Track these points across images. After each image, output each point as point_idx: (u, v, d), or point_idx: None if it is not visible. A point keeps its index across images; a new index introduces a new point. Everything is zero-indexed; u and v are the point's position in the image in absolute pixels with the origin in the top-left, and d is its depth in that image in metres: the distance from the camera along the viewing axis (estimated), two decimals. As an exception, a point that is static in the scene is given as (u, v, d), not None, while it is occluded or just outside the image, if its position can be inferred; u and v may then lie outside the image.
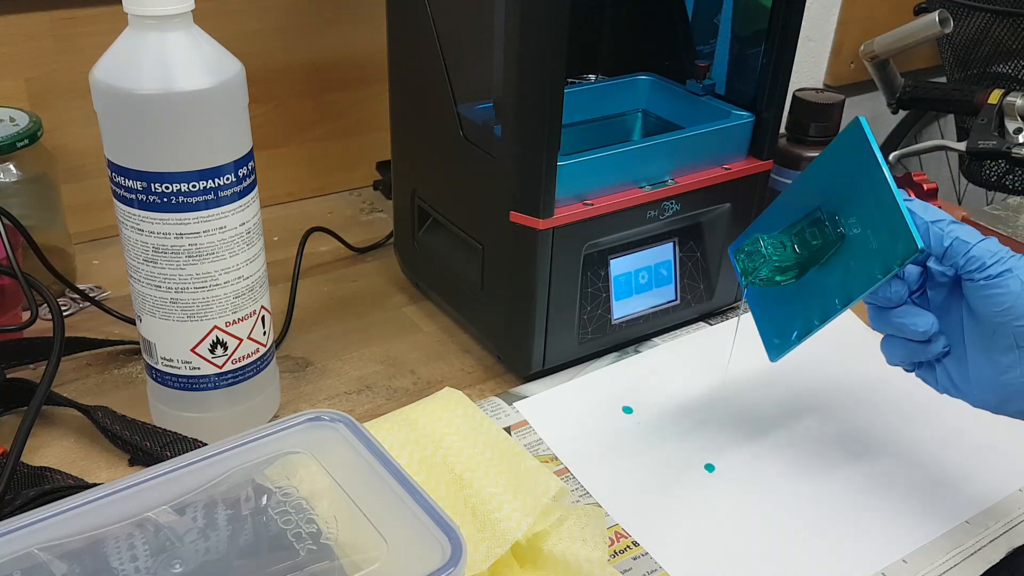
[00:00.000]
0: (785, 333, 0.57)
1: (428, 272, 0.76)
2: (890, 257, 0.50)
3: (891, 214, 0.50)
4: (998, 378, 0.50)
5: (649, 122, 0.76)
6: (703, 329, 0.73)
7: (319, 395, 0.66)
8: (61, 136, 0.78)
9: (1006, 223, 0.76)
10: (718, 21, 0.73)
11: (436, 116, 0.66)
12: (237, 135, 0.53)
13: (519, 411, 0.63)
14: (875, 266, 0.51)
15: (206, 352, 0.56)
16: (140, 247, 0.53)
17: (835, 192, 0.53)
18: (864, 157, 0.51)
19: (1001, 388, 0.50)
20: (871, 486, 0.59)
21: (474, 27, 0.60)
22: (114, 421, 0.59)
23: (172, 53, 0.50)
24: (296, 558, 0.39)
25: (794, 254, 0.54)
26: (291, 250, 0.81)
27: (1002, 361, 0.50)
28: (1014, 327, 0.48)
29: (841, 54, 1.40)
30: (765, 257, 0.53)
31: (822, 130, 0.80)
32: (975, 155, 0.82)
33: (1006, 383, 0.50)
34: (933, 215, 0.50)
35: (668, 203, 0.66)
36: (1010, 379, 0.50)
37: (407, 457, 0.51)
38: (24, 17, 0.75)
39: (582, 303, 0.66)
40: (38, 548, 0.38)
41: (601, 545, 0.50)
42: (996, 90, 0.82)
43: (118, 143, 0.51)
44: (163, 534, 0.40)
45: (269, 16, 0.85)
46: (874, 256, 0.51)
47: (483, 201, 0.64)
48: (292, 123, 0.90)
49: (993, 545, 0.55)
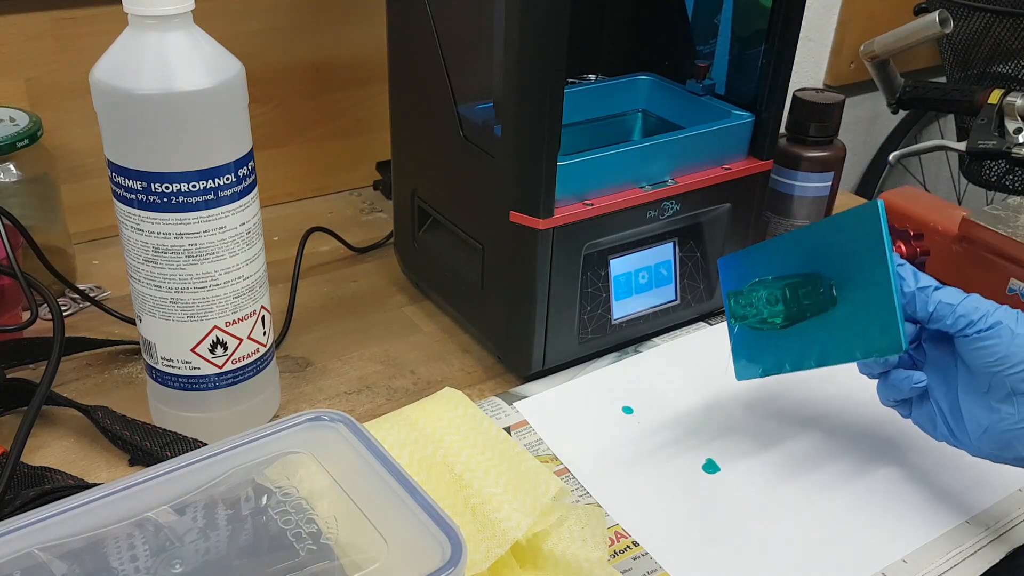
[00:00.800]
0: (755, 361, 0.59)
1: (428, 272, 0.76)
2: (872, 346, 0.52)
3: (886, 309, 0.51)
4: (996, 426, 0.52)
5: (649, 122, 0.76)
6: (703, 329, 0.73)
7: (319, 395, 0.66)
8: (61, 136, 0.79)
9: (1006, 223, 0.76)
10: (718, 21, 0.73)
11: (436, 116, 0.66)
12: (237, 135, 0.53)
13: (519, 411, 0.63)
14: (856, 346, 0.53)
15: (206, 352, 0.56)
16: (140, 247, 0.53)
17: (837, 262, 0.54)
18: (874, 244, 0.52)
19: (999, 436, 0.52)
20: (871, 486, 0.59)
21: (474, 27, 0.60)
22: (114, 421, 0.59)
23: (172, 53, 0.50)
24: (296, 558, 0.39)
25: (784, 309, 0.55)
26: (291, 250, 0.81)
27: (1001, 409, 0.51)
28: (1009, 375, 0.50)
29: (841, 54, 1.40)
30: (757, 310, 0.54)
31: (822, 130, 0.80)
32: (975, 155, 0.82)
33: (1004, 431, 0.51)
34: (921, 282, 0.52)
35: (668, 203, 0.66)
36: (1008, 426, 0.51)
37: (407, 457, 0.51)
38: (24, 17, 0.75)
39: (582, 303, 0.66)
40: (38, 548, 0.38)
41: (601, 545, 0.50)
42: (996, 90, 0.82)
43: (118, 143, 0.51)
44: (163, 534, 0.40)
45: (269, 16, 0.85)
46: (858, 337, 0.53)
47: (483, 201, 0.64)
48: (292, 123, 0.90)
49: (993, 545, 0.55)
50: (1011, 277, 0.75)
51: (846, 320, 0.54)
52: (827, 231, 0.55)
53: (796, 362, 0.57)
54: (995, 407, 0.51)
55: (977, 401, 0.52)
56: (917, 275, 0.53)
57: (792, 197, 0.82)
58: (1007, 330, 0.50)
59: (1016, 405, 0.51)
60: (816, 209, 0.82)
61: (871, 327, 0.52)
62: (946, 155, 1.60)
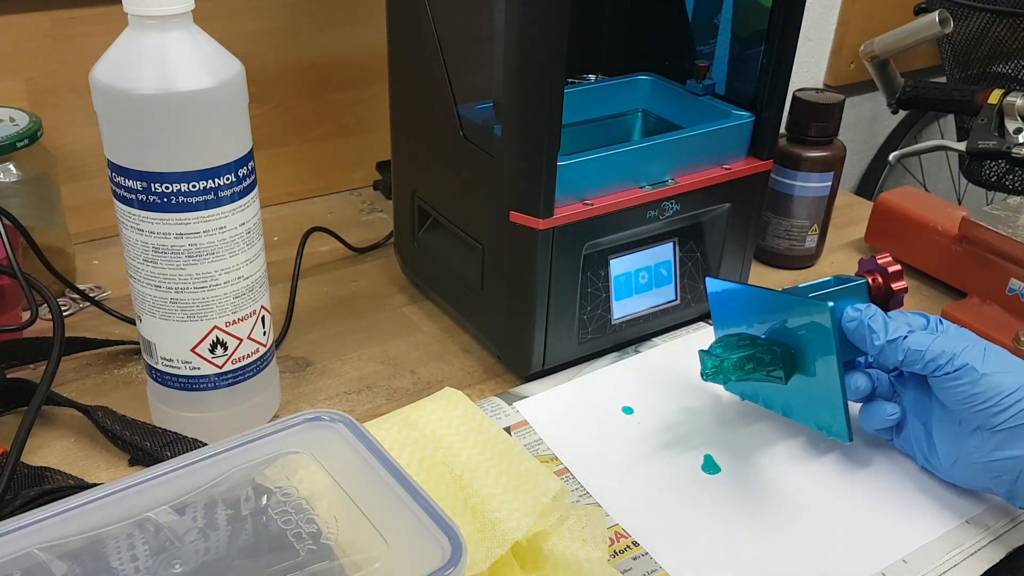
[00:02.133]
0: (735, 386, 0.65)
1: (428, 272, 0.76)
2: (823, 424, 0.59)
3: (835, 404, 0.56)
4: (965, 458, 0.55)
5: (649, 122, 0.76)
6: (703, 329, 0.73)
7: (319, 395, 0.66)
8: (61, 136, 0.78)
9: (1006, 223, 0.76)
10: (718, 21, 0.73)
11: (436, 116, 0.66)
12: (237, 135, 0.53)
13: (519, 411, 0.63)
14: (811, 418, 0.60)
15: (206, 352, 0.56)
16: (140, 247, 0.53)
17: (796, 342, 0.58)
18: (826, 344, 0.56)
19: (967, 468, 0.55)
20: (871, 486, 0.59)
21: (474, 27, 0.60)
22: (114, 421, 0.59)
23: (172, 53, 0.50)
24: (296, 558, 0.39)
25: (750, 372, 0.58)
26: (291, 250, 0.81)
27: (968, 443, 0.55)
28: (976, 412, 0.53)
29: (841, 54, 1.40)
30: (724, 373, 0.57)
31: (822, 130, 0.80)
32: (975, 155, 0.82)
33: (971, 463, 0.55)
34: (891, 333, 0.55)
35: (668, 203, 0.66)
36: (975, 459, 0.54)
37: (407, 457, 0.51)
38: (24, 17, 0.75)
39: (582, 303, 0.66)
40: (38, 548, 0.38)
41: (601, 545, 0.50)
42: (996, 90, 0.82)
43: (118, 143, 0.51)
44: (163, 534, 0.40)
45: (269, 16, 0.85)
46: (813, 411, 0.59)
47: (483, 201, 0.64)
48: (292, 123, 0.90)
49: (993, 545, 0.55)
50: (1011, 277, 0.74)
51: (804, 392, 0.58)
52: (794, 308, 0.58)
53: (767, 402, 0.63)
54: (963, 440, 0.55)
55: (949, 433, 0.56)
56: (887, 325, 0.56)
57: (792, 197, 0.82)
58: (972, 371, 0.53)
59: (981, 440, 0.54)
60: (816, 209, 0.82)
61: (823, 410, 0.57)
62: (946, 155, 1.60)
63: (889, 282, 0.63)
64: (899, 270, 0.63)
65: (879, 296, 0.63)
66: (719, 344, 0.58)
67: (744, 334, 0.60)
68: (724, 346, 0.58)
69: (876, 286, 0.63)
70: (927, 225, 0.82)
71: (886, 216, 0.86)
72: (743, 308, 0.61)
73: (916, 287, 0.83)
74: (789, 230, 0.83)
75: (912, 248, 0.84)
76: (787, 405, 0.61)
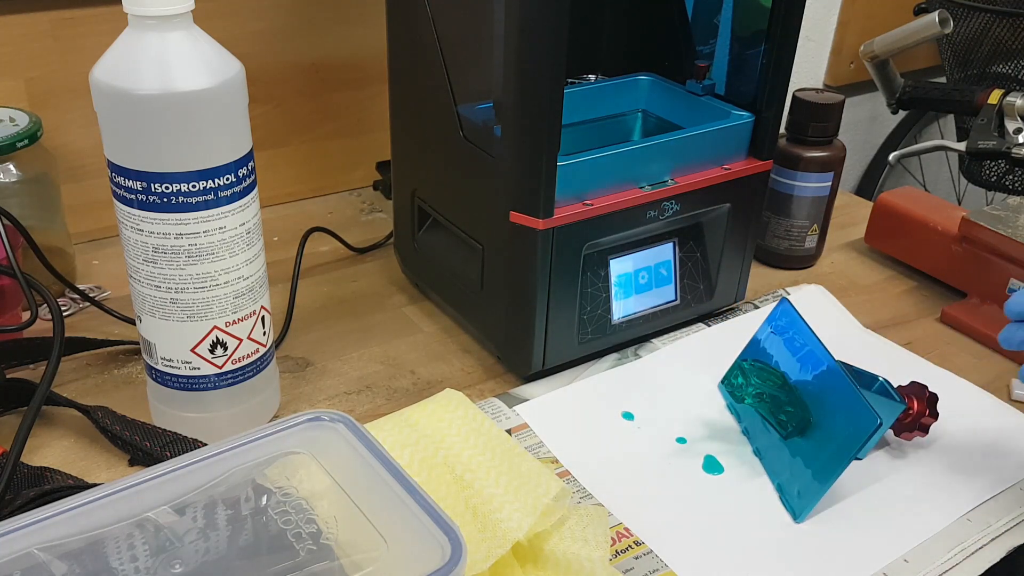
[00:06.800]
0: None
1: (428, 272, 0.76)
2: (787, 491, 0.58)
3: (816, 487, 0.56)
4: None
5: (649, 122, 0.76)
6: (703, 330, 0.73)
7: (319, 395, 0.66)
8: (61, 136, 0.79)
9: (1006, 223, 0.76)
10: (718, 21, 0.73)
11: (436, 116, 0.66)
12: (237, 135, 0.53)
13: (519, 414, 0.63)
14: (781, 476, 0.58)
15: (206, 352, 0.56)
16: (140, 247, 0.53)
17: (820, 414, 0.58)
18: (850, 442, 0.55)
19: None
20: (872, 485, 0.59)
21: (474, 27, 0.60)
22: (114, 421, 0.59)
23: (172, 53, 0.50)
24: (296, 558, 0.39)
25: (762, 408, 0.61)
26: (291, 250, 0.81)
27: None
28: None
29: (841, 54, 1.40)
30: (743, 394, 0.60)
31: (822, 130, 0.80)
32: (975, 155, 0.82)
33: None
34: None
35: (668, 203, 0.66)
36: None
37: (407, 458, 0.51)
38: (24, 17, 0.75)
39: (582, 303, 0.66)
40: (38, 548, 0.38)
41: (603, 545, 0.50)
42: (996, 90, 0.82)
43: (118, 143, 0.51)
44: (163, 534, 0.40)
45: (269, 16, 0.85)
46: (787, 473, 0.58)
47: (483, 201, 0.64)
48: (292, 123, 0.90)
49: (994, 544, 0.55)
50: (1011, 277, 0.75)
51: (791, 453, 0.58)
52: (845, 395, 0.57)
53: (749, 432, 0.63)
54: None
55: None
56: None
57: (792, 197, 0.82)
58: None
59: None
60: (816, 209, 0.82)
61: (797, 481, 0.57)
62: (946, 155, 1.61)
63: (924, 413, 0.61)
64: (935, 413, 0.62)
65: (905, 421, 0.61)
66: (755, 370, 0.61)
67: (779, 371, 0.61)
68: (759, 375, 0.60)
69: (909, 413, 0.62)
70: (927, 225, 0.82)
71: (886, 216, 0.86)
72: (797, 349, 0.61)
73: (916, 287, 0.83)
74: (789, 230, 0.83)
75: (912, 248, 0.84)
76: (765, 450, 0.60)
